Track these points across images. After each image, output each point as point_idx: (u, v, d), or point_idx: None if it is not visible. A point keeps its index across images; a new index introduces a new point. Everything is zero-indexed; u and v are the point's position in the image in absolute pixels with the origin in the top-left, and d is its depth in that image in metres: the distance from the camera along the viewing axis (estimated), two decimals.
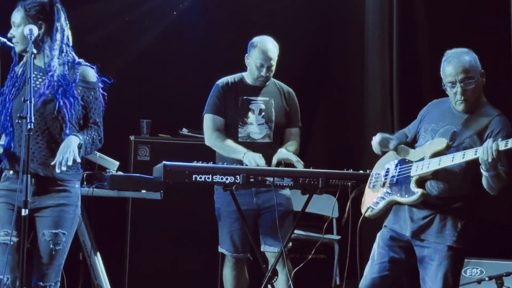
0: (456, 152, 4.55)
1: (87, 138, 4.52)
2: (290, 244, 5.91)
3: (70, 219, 4.53)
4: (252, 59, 5.88)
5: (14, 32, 4.52)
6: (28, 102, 4.18)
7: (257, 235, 5.85)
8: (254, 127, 5.91)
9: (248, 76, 5.95)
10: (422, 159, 4.71)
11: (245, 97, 5.92)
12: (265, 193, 5.73)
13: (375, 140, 4.92)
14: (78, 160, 4.43)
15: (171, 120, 7.41)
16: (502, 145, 4.38)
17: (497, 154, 4.35)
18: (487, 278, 5.57)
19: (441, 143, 4.66)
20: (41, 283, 4.45)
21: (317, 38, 7.61)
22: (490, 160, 4.36)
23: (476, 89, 4.69)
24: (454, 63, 4.68)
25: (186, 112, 7.45)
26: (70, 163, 4.32)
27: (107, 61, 7.26)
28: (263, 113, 5.92)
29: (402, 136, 5.02)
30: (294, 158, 5.67)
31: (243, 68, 6.07)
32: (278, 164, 5.70)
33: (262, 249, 5.82)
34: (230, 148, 5.80)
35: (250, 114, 5.91)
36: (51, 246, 4.46)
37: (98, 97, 4.64)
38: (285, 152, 5.74)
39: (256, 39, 5.89)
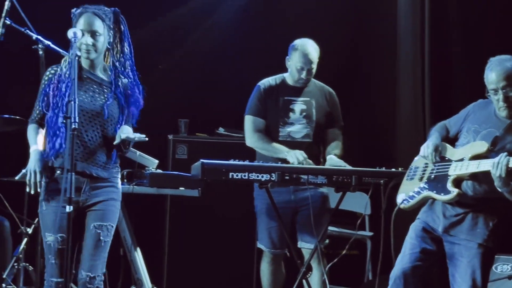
0: (499, 159, 4.46)
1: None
2: (327, 241, 5.95)
3: (116, 212, 4.61)
4: (293, 62, 5.87)
5: (90, 40, 4.48)
6: (72, 102, 4.21)
7: (295, 231, 5.87)
8: (295, 127, 5.91)
9: (289, 78, 5.95)
10: (462, 159, 4.68)
11: (286, 98, 5.92)
12: (303, 191, 5.72)
13: (431, 148, 4.83)
14: (143, 139, 4.54)
15: (208, 119, 7.43)
16: (490, 167, 4.42)
17: (506, 170, 4.37)
18: None
19: (482, 146, 4.64)
20: (90, 274, 4.49)
21: (349, 39, 7.58)
22: (502, 175, 4.39)
23: None
24: (497, 70, 4.64)
25: (223, 112, 7.55)
26: (137, 139, 4.46)
27: (147, 63, 7.40)
28: (304, 113, 5.91)
29: (443, 130, 4.97)
30: (342, 165, 5.66)
31: (279, 69, 6.07)
32: None
33: (298, 246, 5.84)
34: (273, 148, 5.81)
35: (291, 114, 5.91)
36: (101, 237, 4.51)
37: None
38: (337, 160, 5.72)
39: (297, 42, 5.88)
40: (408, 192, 4.90)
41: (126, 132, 4.48)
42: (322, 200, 5.83)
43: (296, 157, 5.62)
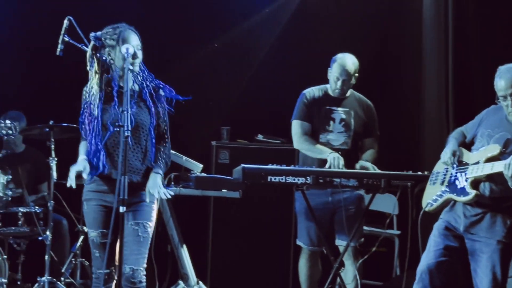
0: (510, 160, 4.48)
1: (163, 167, 4.69)
2: (362, 239, 5.91)
3: (150, 212, 4.66)
4: (332, 72, 5.85)
5: (140, 54, 4.62)
6: (125, 112, 4.27)
7: (333, 230, 5.84)
8: (334, 135, 5.87)
9: (330, 88, 5.94)
10: (477, 162, 4.67)
11: (327, 107, 5.89)
12: (340, 193, 5.69)
13: (449, 153, 4.85)
14: (168, 196, 4.61)
15: (248, 127, 7.43)
16: (503, 168, 4.41)
17: None
18: None
19: (495, 149, 4.63)
20: (133, 267, 4.54)
21: (377, 50, 7.56)
22: (510, 179, 4.40)
23: None
24: (505, 78, 4.64)
25: (261, 120, 7.55)
26: (164, 197, 4.57)
27: (192, 74, 7.42)
28: (343, 122, 5.89)
29: (460, 136, 4.97)
30: (370, 167, 5.65)
31: (310, 81, 6.07)
32: None
33: (336, 243, 5.83)
34: (318, 150, 5.77)
35: (331, 122, 5.88)
36: (139, 233, 4.56)
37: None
38: (364, 162, 5.72)
39: (338, 55, 5.87)
40: (432, 196, 4.93)
41: (152, 186, 4.58)
42: (358, 202, 5.82)
43: (336, 161, 5.60)
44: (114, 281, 4.55)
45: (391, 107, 7.14)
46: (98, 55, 4.59)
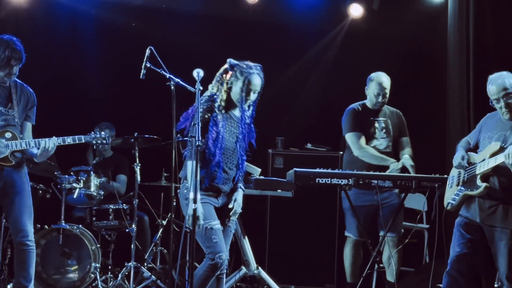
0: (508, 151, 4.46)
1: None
2: (402, 231, 5.90)
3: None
4: (371, 90, 5.89)
5: (253, 96, 4.63)
6: (196, 125, 4.30)
7: (377, 224, 5.82)
8: (378, 141, 5.90)
9: (369, 102, 5.95)
10: (483, 160, 4.68)
11: (371, 118, 5.92)
12: (383, 192, 5.68)
13: (459, 158, 4.88)
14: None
15: (299, 137, 7.43)
16: (503, 159, 4.40)
17: None
18: None
19: (496, 146, 4.65)
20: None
21: (410, 69, 7.51)
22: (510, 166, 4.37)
23: None
24: (496, 84, 4.67)
25: (310, 131, 7.53)
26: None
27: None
28: (384, 130, 5.92)
29: (466, 144, 4.99)
30: (411, 163, 5.67)
31: (354, 96, 6.12)
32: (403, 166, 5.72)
33: (380, 234, 5.81)
34: (381, 158, 5.78)
35: (376, 130, 5.91)
36: (231, 230, 4.81)
37: None
38: (409, 159, 5.71)
39: (373, 75, 5.91)
40: (451, 196, 4.93)
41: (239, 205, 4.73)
42: (398, 199, 5.78)
43: (393, 166, 5.66)
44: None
45: (421, 118, 7.10)
46: (228, 78, 4.60)
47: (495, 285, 5.50)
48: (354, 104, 6.03)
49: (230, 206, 4.72)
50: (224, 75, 4.64)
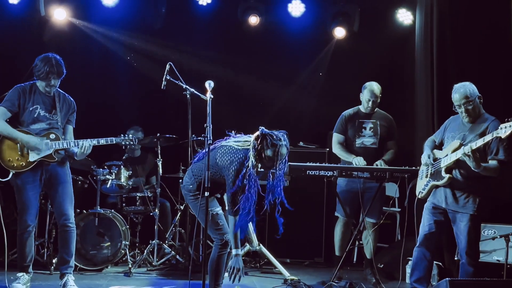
0: (465, 147, 4.49)
1: None
2: (382, 217, 5.86)
3: None
4: (364, 96, 5.86)
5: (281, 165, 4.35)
6: (208, 127, 4.31)
7: (360, 208, 5.74)
8: (366, 138, 5.87)
9: (362, 107, 5.93)
10: (447, 155, 4.70)
11: (360, 120, 5.90)
12: (367, 182, 5.67)
13: (426, 157, 4.89)
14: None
15: (293, 136, 7.44)
16: (467, 149, 4.41)
17: (470, 153, 4.38)
18: (498, 236, 5.37)
19: (456, 143, 4.67)
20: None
21: (384, 79, 7.37)
22: (469, 160, 4.39)
23: (475, 107, 4.66)
24: (459, 92, 4.67)
25: (302, 132, 7.48)
26: None
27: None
28: (372, 130, 5.88)
29: (432, 143, 4.99)
30: (379, 164, 5.67)
31: (343, 103, 6.11)
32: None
33: (361, 218, 5.76)
34: (346, 155, 5.79)
35: (363, 130, 5.88)
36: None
37: None
38: (378, 162, 5.70)
39: (367, 83, 5.88)
40: (421, 186, 4.94)
41: None
42: (379, 190, 5.72)
43: (356, 161, 5.65)
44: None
45: (394, 118, 7.13)
46: (261, 145, 4.25)
47: (455, 258, 5.54)
48: (348, 110, 6.00)
49: None
50: (257, 141, 4.28)
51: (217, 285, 4.43)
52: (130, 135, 5.20)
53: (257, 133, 4.30)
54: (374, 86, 5.85)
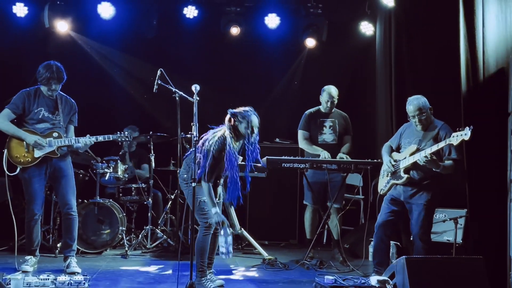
0: (422, 151, 4.54)
1: None
2: (344, 202, 5.92)
3: None
4: (323, 98, 5.86)
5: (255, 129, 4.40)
6: (194, 125, 4.24)
7: (327, 196, 5.76)
8: (327, 135, 5.86)
9: (321, 107, 5.92)
10: (405, 158, 4.72)
11: (321, 119, 5.89)
12: (332, 173, 5.68)
13: (386, 164, 4.88)
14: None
15: (270, 133, 7.38)
16: (427, 154, 4.43)
17: (427, 157, 4.40)
18: (448, 219, 5.45)
19: (413, 147, 4.68)
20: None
21: (351, 82, 7.43)
22: (426, 163, 4.41)
23: (427, 118, 4.68)
24: (413, 104, 4.69)
25: (278, 129, 7.44)
26: None
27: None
28: (331, 128, 5.87)
29: (389, 148, 4.98)
30: (344, 157, 5.64)
31: (312, 103, 6.09)
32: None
33: (328, 204, 5.79)
34: (313, 149, 5.78)
35: (324, 128, 5.88)
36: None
37: None
38: (341, 154, 5.70)
39: (325, 87, 5.88)
40: (383, 184, 4.95)
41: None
42: (342, 179, 5.77)
43: (323, 154, 5.63)
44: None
45: (358, 117, 7.10)
46: (234, 124, 4.32)
47: (411, 238, 5.54)
48: (310, 109, 6.00)
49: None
50: (230, 122, 4.37)
51: (203, 262, 4.43)
52: (126, 133, 5.14)
53: (227, 116, 4.37)
54: (331, 89, 5.86)
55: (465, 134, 4.25)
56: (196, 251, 4.39)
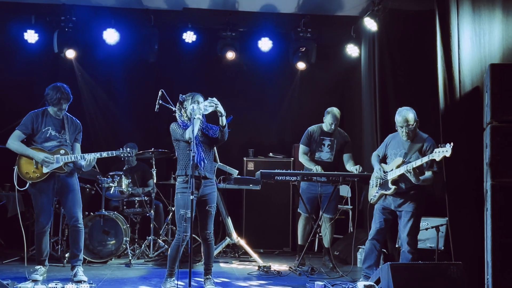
0: (407, 165, 4.55)
1: None
2: (338, 213, 5.86)
3: (216, 197, 4.64)
4: (327, 120, 5.82)
5: (201, 105, 4.41)
6: (193, 142, 4.27)
7: (319, 206, 5.76)
8: (323, 153, 5.83)
9: (324, 127, 5.87)
10: (392, 170, 4.72)
11: (321, 137, 5.86)
12: (325, 186, 5.66)
13: (377, 172, 4.87)
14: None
15: (264, 149, 7.36)
16: (410, 167, 4.45)
17: (411, 170, 4.42)
18: (431, 227, 5.45)
19: (399, 160, 4.67)
20: (207, 231, 4.52)
21: (338, 101, 7.39)
22: (410, 175, 4.43)
23: (414, 129, 4.68)
24: (401, 115, 4.68)
25: (272, 145, 7.46)
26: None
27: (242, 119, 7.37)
28: (329, 146, 5.83)
29: (377, 157, 4.97)
30: (357, 167, 5.56)
31: (307, 121, 6.12)
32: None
33: (320, 214, 5.73)
34: (308, 164, 5.75)
35: (322, 146, 5.84)
36: (210, 212, 4.51)
37: None
38: (352, 168, 5.62)
39: (329, 109, 5.84)
40: (372, 194, 4.93)
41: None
42: (335, 191, 5.72)
43: (315, 169, 5.61)
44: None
45: (346, 131, 7.17)
46: (184, 107, 4.48)
47: (396, 245, 5.54)
48: (313, 126, 5.94)
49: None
50: (181, 106, 4.54)
51: (171, 267, 4.46)
52: (128, 149, 5.12)
53: (179, 100, 4.52)
54: (335, 112, 5.83)
55: (446, 151, 4.28)
56: (168, 256, 4.46)
